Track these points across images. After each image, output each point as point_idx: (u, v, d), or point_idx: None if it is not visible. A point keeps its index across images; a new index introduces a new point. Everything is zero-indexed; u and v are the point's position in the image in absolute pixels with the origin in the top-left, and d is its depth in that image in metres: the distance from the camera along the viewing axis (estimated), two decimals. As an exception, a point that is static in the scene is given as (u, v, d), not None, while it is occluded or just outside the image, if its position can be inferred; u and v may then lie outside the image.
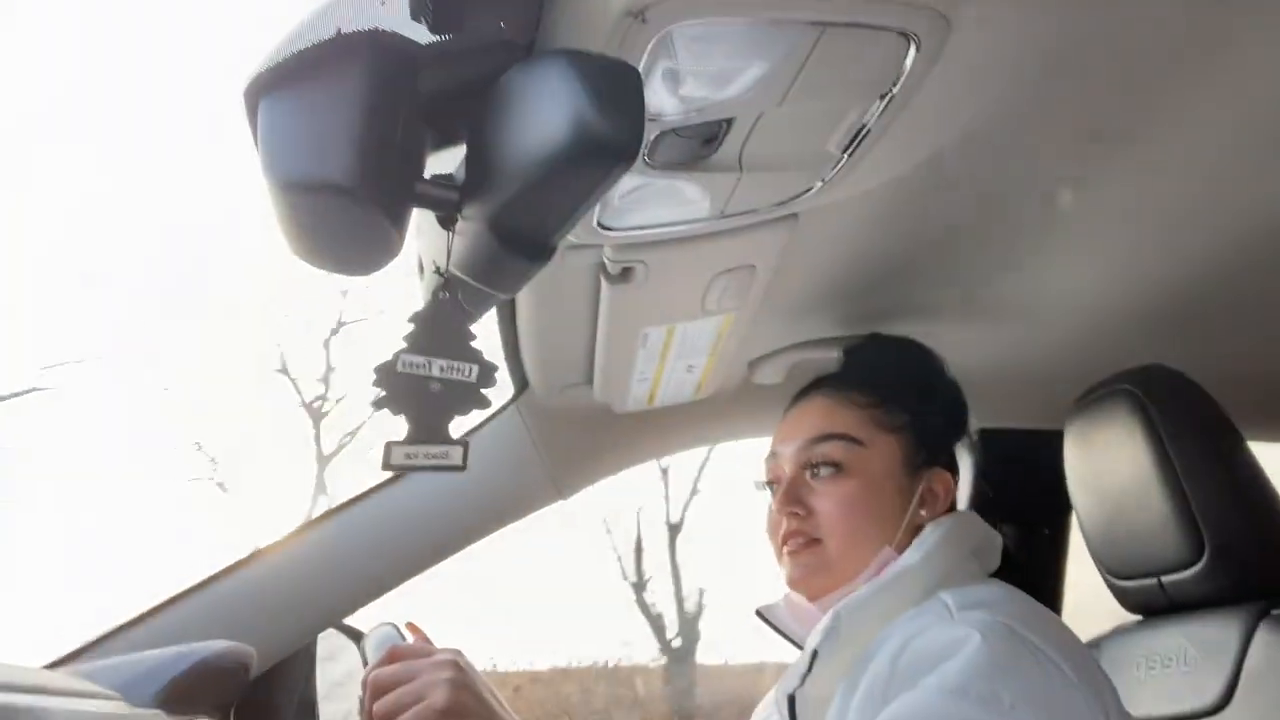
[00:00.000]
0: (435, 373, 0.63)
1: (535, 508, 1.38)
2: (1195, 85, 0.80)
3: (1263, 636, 0.98)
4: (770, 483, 1.01)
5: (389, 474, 1.28)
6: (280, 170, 0.56)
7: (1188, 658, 1.04)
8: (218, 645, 0.77)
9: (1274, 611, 0.99)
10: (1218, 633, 1.02)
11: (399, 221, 0.60)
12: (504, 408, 1.30)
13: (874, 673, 0.82)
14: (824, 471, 0.97)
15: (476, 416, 1.31)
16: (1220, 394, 1.09)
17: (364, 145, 0.56)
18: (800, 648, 0.99)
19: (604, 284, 0.96)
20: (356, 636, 1.38)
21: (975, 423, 1.55)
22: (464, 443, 0.64)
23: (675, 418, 1.34)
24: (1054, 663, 0.79)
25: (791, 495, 0.97)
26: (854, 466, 0.96)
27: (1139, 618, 1.16)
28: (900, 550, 0.93)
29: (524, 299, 1.05)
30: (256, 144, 0.57)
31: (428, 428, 0.63)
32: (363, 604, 1.29)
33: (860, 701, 0.81)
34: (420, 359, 0.62)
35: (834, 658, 0.86)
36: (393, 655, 0.78)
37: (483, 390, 0.65)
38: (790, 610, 1.00)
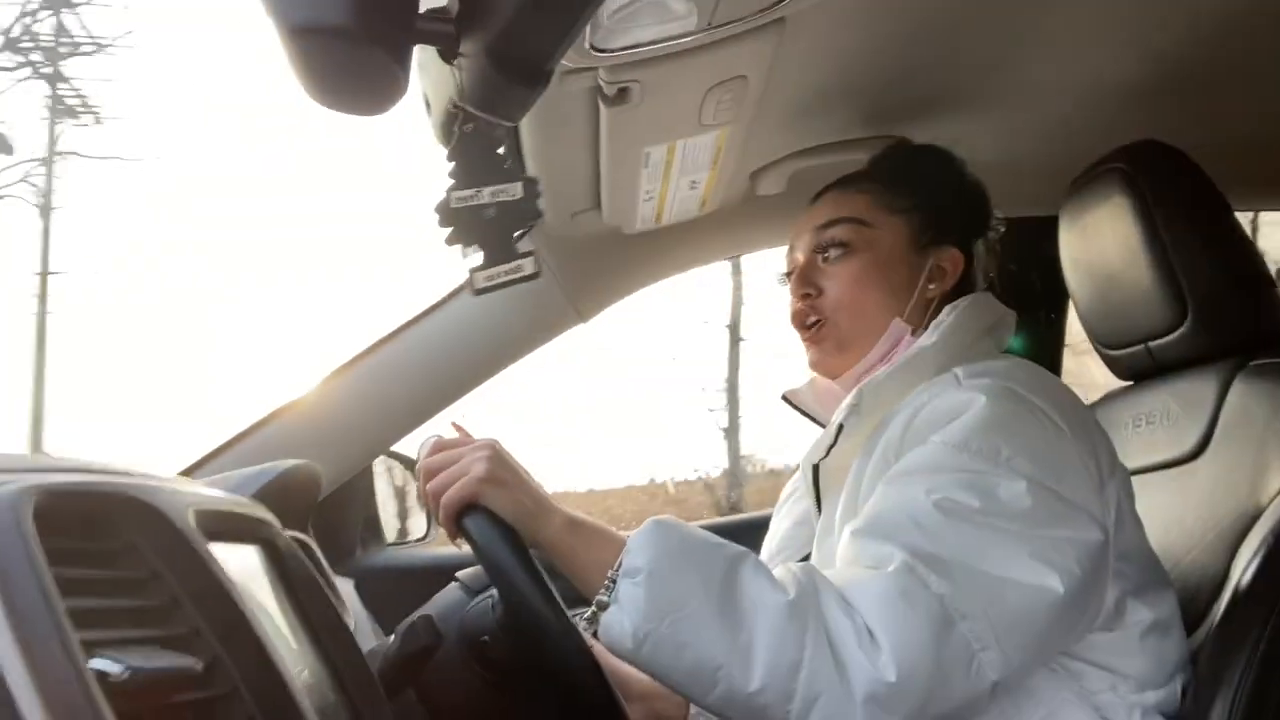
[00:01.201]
0: (486, 199, 0.68)
1: (557, 332, 1.46)
2: None
3: (1238, 387, 1.05)
4: (788, 274, 1.09)
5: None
6: (285, 17, 0.60)
7: (1170, 413, 1.12)
8: (291, 463, 0.87)
9: (1251, 364, 1.06)
10: (1198, 388, 1.09)
11: (402, 59, 0.64)
12: (518, 238, 1.36)
13: (888, 439, 0.91)
14: (833, 253, 1.03)
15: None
16: (1212, 165, 1.12)
17: (360, -14, 0.59)
18: (824, 427, 1.08)
19: (602, 106, 0.98)
20: (405, 461, 1.51)
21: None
22: (531, 251, 0.70)
23: (684, 235, 1.39)
24: (1051, 419, 0.87)
25: (804, 277, 1.04)
26: (860, 245, 1.03)
27: (1128, 383, 1.24)
28: (913, 325, 1.01)
29: (527, 128, 1.08)
30: (261, -5, 0.60)
31: (498, 249, 0.69)
32: (406, 431, 1.40)
33: (875, 464, 0.91)
34: (469, 191, 0.68)
35: (857, 431, 0.95)
36: (438, 446, 0.88)
37: (532, 203, 0.70)
38: (814, 393, 1.09)
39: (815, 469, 1.00)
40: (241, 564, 0.58)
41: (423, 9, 0.67)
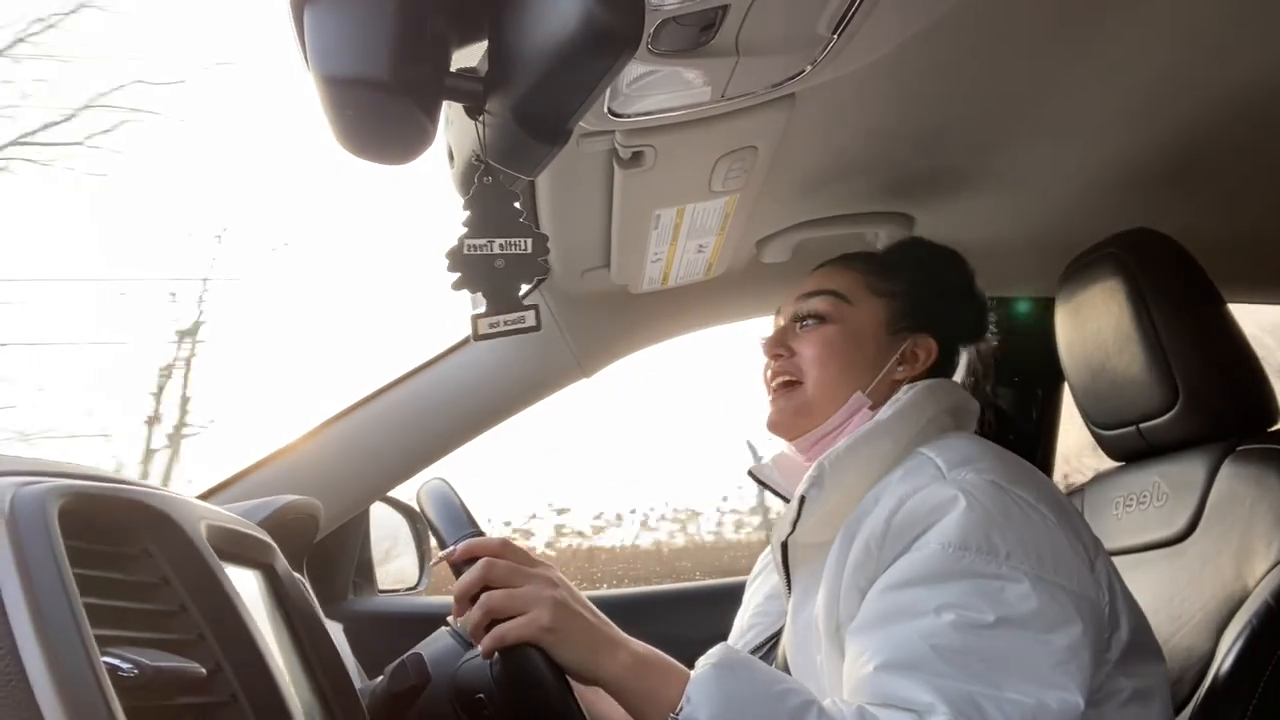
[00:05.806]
0: (496, 250, 0.72)
1: (561, 386, 1.49)
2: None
3: (1227, 470, 1.07)
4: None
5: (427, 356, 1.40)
6: (324, 68, 0.64)
7: (1160, 494, 1.14)
8: (292, 498, 0.89)
9: (1239, 448, 1.08)
10: (1188, 470, 1.11)
11: (431, 113, 0.68)
12: (529, 292, 1.39)
13: (870, 527, 0.90)
14: (809, 322, 1.08)
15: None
16: (1202, 255, 1.15)
17: (397, 43, 0.63)
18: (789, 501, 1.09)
19: (616, 168, 1.03)
20: (402, 508, 1.52)
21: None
22: (534, 306, 0.74)
23: (689, 297, 1.43)
24: (1038, 510, 0.88)
25: (777, 339, 1.10)
26: (834, 317, 1.08)
27: (1120, 464, 1.26)
28: (875, 402, 1.03)
29: (543, 186, 1.13)
30: (302, 46, 0.64)
31: (502, 299, 0.72)
32: (406, 477, 1.42)
33: (858, 554, 0.90)
34: (481, 240, 0.71)
35: (820, 504, 0.95)
36: (505, 547, 0.86)
37: (539, 259, 0.74)
38: (778, 467, 1.10)
39: (784, 546, 1.00)
40: (242, 586, 0.59)
41: (454, 68, 0.72)
